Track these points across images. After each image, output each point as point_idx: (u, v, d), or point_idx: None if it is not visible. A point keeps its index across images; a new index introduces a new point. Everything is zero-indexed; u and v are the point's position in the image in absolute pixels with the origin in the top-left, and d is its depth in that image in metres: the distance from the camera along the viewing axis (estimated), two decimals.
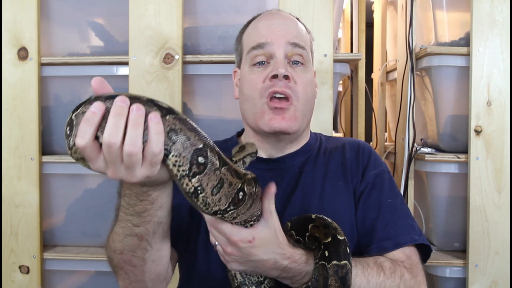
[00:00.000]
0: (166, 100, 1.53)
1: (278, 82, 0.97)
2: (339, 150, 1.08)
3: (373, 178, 1.02)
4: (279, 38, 1.00)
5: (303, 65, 1.02)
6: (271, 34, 1.01)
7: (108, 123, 0.59)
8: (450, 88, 1.63)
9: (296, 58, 1.01)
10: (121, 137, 0.59)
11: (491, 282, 1.54)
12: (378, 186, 1.01)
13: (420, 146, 1.74)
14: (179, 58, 1.53)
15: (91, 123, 0.60)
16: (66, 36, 1.69)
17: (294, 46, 1.01)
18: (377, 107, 2.19)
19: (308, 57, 1.04)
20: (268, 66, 1.00)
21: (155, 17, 1.53)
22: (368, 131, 2.17)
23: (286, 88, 0.98)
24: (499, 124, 1.54)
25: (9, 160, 1.59)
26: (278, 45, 1.00)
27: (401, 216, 0.99)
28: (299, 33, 1.04)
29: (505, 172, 1.54)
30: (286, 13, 1.10)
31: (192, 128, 0.62)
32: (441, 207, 1.67)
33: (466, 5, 1.60)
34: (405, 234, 0.95)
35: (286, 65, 0.99)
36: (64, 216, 1.70)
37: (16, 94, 1.59)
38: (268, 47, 1.00)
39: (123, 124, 0.59)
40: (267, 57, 1.01)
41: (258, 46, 1.01)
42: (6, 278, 1.61)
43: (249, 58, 1.03)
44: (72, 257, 1.61)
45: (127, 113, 0.60)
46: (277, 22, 1.04)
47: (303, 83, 1.00)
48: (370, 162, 1.05)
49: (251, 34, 1.06)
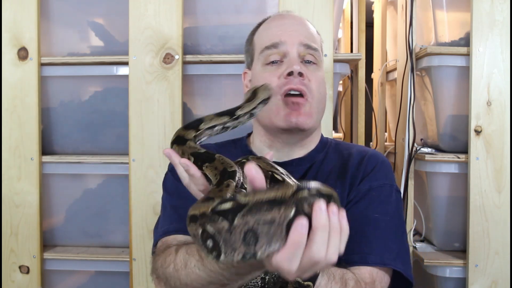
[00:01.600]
0: (166, 100, 1.53)
1: (293, 79, 0.98)
2: (345, 158, 1.05)
3: (367, 189, 0.98)
4: (292, 38, 1.01)
5: (316, 64, 1.03)
6: (284, 33, 1.02)
7: (317, 238, 0.52)
8: (450, 88, 1.63)
9: (309, 58, 1.02)
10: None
11: (491, 282, 1.54)
12: (369, 199, 0.97)
13: (420, 146, 1.74)
14: (179, 58, 1.53)
15: (301, 247, 0.52)
16: (66, 36, 1.69)
17: (306, 48, 1.02)
18: (377, 107, 2.19)
19: (320, 58, 1.05)
20: (282, 65, 1.01)
21: (155, 17, 1.53)
22: (368, 131, 2.17)
23: (301, 85, 0.98)
24: (499, 124, 1.54)
25: (9, 160, 1.59)
26: (292, 44, 1.00)
27: (383, 235, 0.93)
28: (311, 35, 1.05)
29: (505, 172, 1.54)
30: (296, 15, 1.12)
31: None
32: (441, 207, 1.67)
33: (466, 5, 1.60)
34: (377, 255, 0.91)
35: (300, 63, 1.00)
36: (64, 216, 1.70)
37: (16, 94, 1.59)
38: (282, 46, 1.01)
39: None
40: (281, 56, 1.01)
41: (272, 46, 1.01)
42: (6, 278, 1.61)
43: (263, 58, 1.03)
44: (72, 257, 1.61)
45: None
46: (289, 22, 1.05)
47: (317, 81, 1.01)
48: (371, 173, 1.01)
49: (263, 34, 1.06)
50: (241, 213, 0.50)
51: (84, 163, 1.62)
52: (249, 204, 0.50)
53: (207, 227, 0.51)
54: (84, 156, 1.62)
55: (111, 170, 1.62)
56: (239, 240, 0.50)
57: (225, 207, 0.51)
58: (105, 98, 1.67)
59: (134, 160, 1.54)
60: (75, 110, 1.68)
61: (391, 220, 0.96)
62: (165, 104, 1.53)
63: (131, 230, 1.54)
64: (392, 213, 0.97)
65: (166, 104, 1.53)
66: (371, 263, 0.90)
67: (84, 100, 1.68)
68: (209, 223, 0.51)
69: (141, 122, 1.53)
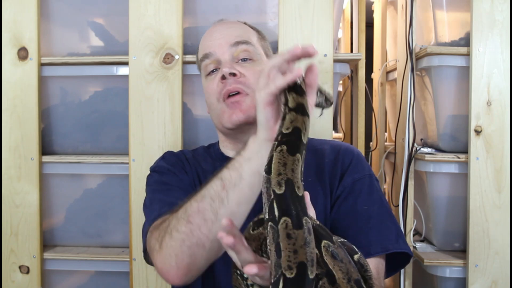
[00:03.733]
0: (166, 100, 1.53)
1: (228, 81, 1.02)
2: (319, 153, 1.07)
3: (351, 183, 1.00)
4: (220, 44, 1.06)
5: (252, 59, 1.06)
6: (213, 43, 1.07)
7: None
8: (450, 88, 1.63)
9: (244, 55, 1.05)
10: None
11: (491, 282, 1.54)
12: (355, 193, 0.99)
13: (420, 146, 1.74)
14: (179, 58, 1.53)
15: None
16: (66, 36, 1.69)
17: (236, 45, 1.05)
18: (377, 107, 2.19)
19: (257, 51, 1.08)
20: (219, 72, 1.05)
21: (155, 17, 1.53)
22: (368, 131, 2.17)
23: (236, 84, 1.02)
24: (499, 124, 1.54)
25: (9, 160, 1.59)
26: (222, 51, 1.06)
27: (376, 224, 0.96)
28: (241, 32, 1.08)
29: (505, 172, 1.54)
30: (231, 20, 1.16)
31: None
32: (441, 207, 1.67)
33: (466, 5, 1.60)
34: (376, 244, 0.93)
35: (232, 65, 1.03)
36: (64, 216, 1.70)
37: (16, 94, 1.59)
38: (214, 56, 1.07)
39: None
40: (215, 64, 1.07)
41: (204, 57, 1.08)
42: (6, 278, 1.61)
43: (203, 69, 1.11)
44: (72, 257, 1.61)
45: None
46: (219, 30, 1.10)
47: (255, 74, 1.03)
48: (350, 167, 1.02)
49: (199, 48, 1.13)
50: None
51: (84, 163, 1.62)
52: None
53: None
54: (84, 156, 1.62)
55: (111, 170, 1.62)
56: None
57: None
58: (105, 98, 1.67)
59: (134, 160, 1.54)
60: (75, 110, 1.68)
61: (380, 208, 0.99)
62: (165, 104, 1.53)
63: (131, 230, 1.54)
64: (379, 201, 1.00)
65: (166, 104, 1.53)
66: (374, 254, 0.92)
67: (84, 100, 1.68)
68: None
69: (141, 122, 1.53)
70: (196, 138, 1.63)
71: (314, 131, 1.42)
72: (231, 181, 0.79)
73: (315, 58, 0.73)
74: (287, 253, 0.59)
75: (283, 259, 0.59)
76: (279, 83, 0.74)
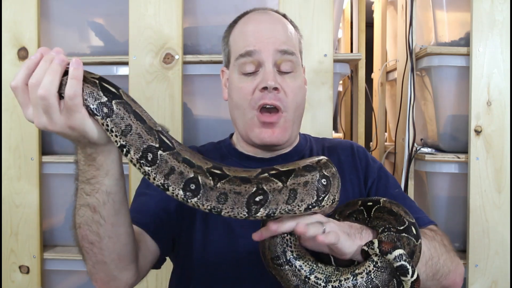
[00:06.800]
0: (166, 100, 1.53)
1: (268, 94, 0.98)
2: (332, 152, 1.10)
3: (377, 172, 1.08)
4: (267, 46, 0.99)
5: (293, 72, 1.02)
6: (259, 42, 1.00)
7: (37, 68, 0.69)
8: (450, 88, 1.63)
9: (286, 66, 1.01)
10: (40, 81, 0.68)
11: (491, 282, 1.54)
12: (383, 179, 1.07)
13: (420, 146, 1.74)
14: (179, 58, 1.53)
15: (27, 67, 0.70)
16: (66, 36, 1.69)
17: (283, 54, 1.00)
18: (377, 107, 2.19)
19: (298, 61, 1.04)
20: (257, 75, 0.99)
21: (155, 17, 1.53)
22: (368, 131, 2.17)
23: (275, 100, 0.98)
24: (499, 124, 1.54)
25: (9, 160, 1.59)
26: (267, 53, 0.99)
27: (411, 203, 1.06)
28: (288, 38, 1.03)
29: (505, 172, 1.54)
30: (273, 13, 1.09)
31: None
32: (441, 207, 1.67)
33: (466, 5, 1.60)
34: (424, 216, 1.02)
35: (275, 76, 0.99)
36: (64, 216, 1.70)
37: None
38: (257, 55, 0.99)
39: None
40: (255, 65, 1.00)
41: (247, 54, 1.00)
42: (6, 278, 1.61)
43: (238, 65, 1.02)
44: (72, 257, 1.61)
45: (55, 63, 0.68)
46: (265, 28, 1.03)
47: (292, 92, 1.01)
48: (369, 159, 1.10)
49: (238, 39, 1.05)
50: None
51: None
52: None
53: (199, 177, 0.73)
54: None
55: None
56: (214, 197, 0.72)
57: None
58: None
59: None
60: None
61: (401, 190, 1.10)
62: (165, 104, 1.53)
63: None
64: (398, 184, 1.12)
65: (166, 104, 1.53)
66: (428, 223, 1.00)
67: None
68: (202, 176, 0.73)
69: None
70: (196, 138, 1.63)
71: (314, 131, 1.42)
72: (98, 203, 0.79)
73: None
74: None
75: None
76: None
